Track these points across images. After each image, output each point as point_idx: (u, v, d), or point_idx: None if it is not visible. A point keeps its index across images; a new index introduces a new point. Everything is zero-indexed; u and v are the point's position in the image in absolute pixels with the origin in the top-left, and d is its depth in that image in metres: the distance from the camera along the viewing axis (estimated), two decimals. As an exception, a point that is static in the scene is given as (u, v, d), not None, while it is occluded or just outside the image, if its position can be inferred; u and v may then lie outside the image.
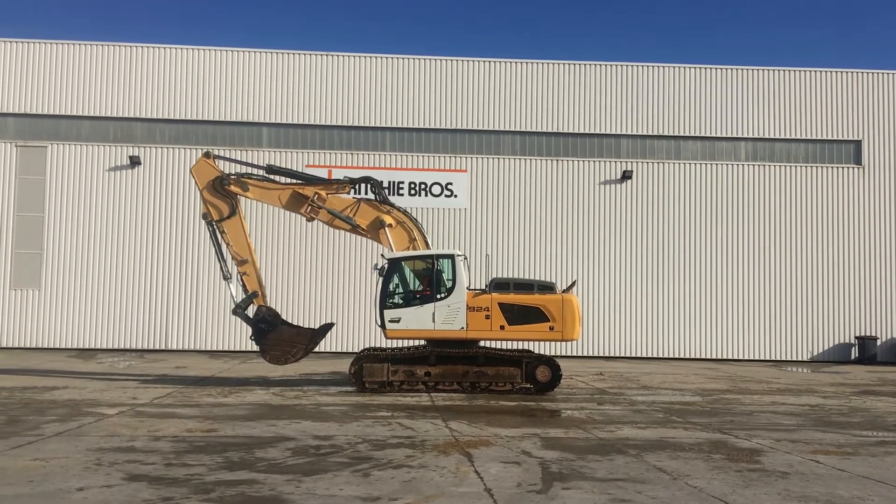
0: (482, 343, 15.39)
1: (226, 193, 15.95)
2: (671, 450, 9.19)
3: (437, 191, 25.41)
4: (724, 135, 26.23)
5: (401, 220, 15.87)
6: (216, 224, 15.99)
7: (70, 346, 24.35)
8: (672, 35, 68.90)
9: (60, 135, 25.16)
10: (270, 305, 16.33)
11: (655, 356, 25.25)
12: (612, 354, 25.25)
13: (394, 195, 24.29)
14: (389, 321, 14.89)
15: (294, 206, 16.07)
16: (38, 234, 24.66)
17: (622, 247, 25.66)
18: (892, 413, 13.15)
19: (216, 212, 15.99)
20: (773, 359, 25.47)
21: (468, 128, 25.83)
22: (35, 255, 24.63)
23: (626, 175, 25.68)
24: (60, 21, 68.97)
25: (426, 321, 14.78)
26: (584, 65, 26.25)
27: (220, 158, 17.03)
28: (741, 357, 25.43)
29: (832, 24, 68.17)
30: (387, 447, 9.01)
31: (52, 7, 69.76)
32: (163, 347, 24.47)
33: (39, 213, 24.71)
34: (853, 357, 25.58)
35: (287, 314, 18.69)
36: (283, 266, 24.75)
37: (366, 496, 6.77)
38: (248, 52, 25.75)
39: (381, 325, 15.06)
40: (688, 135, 26.18)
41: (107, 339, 24.48)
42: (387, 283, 15.12)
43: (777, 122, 26.30)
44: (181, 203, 24.80)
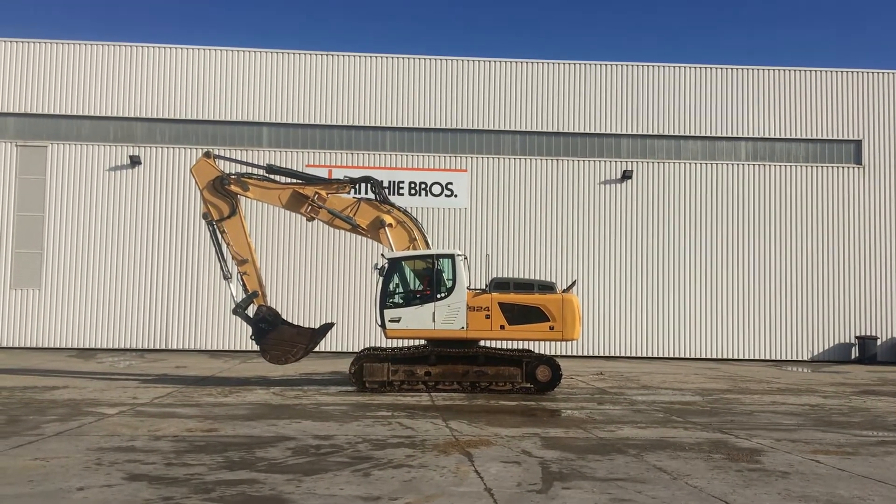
0: (482, 343, 15.39)
1: (226, 193, 15.96)
2: (671, 449, 9.19)
3: (438, 190, 25.42)
4: (725, 134, 26.23)
5: (401, 220, 15.87)
6: (216, 224, 16.00)
7: (70, 346, 24.36)
8: (672, 35, 68.91)
9: (61, 134, 25.17)
10: (271, 305, 16.34)
11: (656, 356, 25.25)
12: (613, 354, 25.25)
13: (394, 195, 24.29)
14: (389, 321, 14.90)
15: (294, 206, 16.07)
16: (39, 234, 24.66)
17: (622, 247, 25.66)
18: (893, 413, 13.15)
19: (216, 211, 15.99)
20: (774, 358, 25.47)
21: (468, 127, 25.83)
22: (35, 255, 24.63)
23: (627, 175, 25.68)
24: (60, 21, 69.01)
25: (426, 321, 14.78)
26: (584, 65, 26.24)
27: (221, 158, 17.03)
28: (741, 357, 25.42)
29: (832, 24, 68.21)
30: (387, 447, 9.01)
31: (52, 7, 69.79)
32: (163, 347, 24.47)
33: (40, 213, 24.72)
34: (853, 357, 25.58)
35: (287, 314, 18.68)
36: (284, 266, 24.76)
37: (366, 496, 6.77)
38: (248, 52, 25.75)
39: (382, 325, 15.07)
40: (688, 134, 26.18)
41: (107, 339, 24.49)
42: (387, 283, 15.12)
43: (777, 122, 26.30)
44: (181, 203, 24.81)
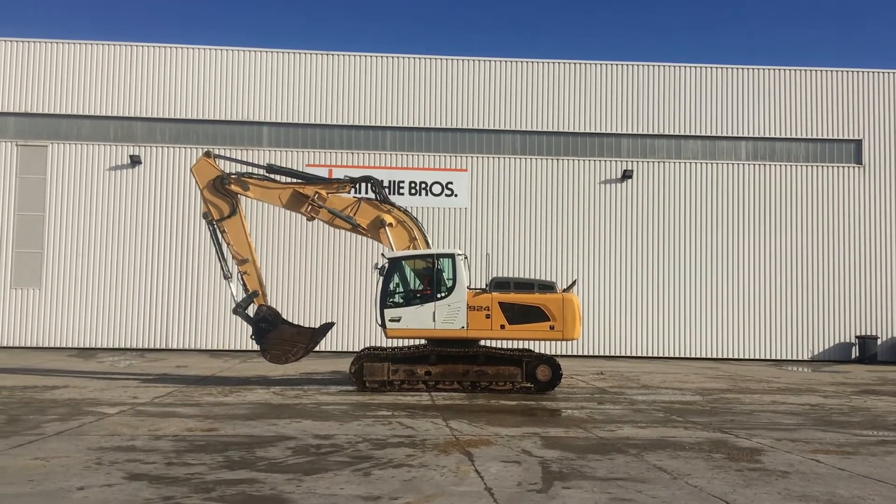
0: (482, 342, 15.39)
1: (226, 193, 15.95)
2: (671, 449, 9.19)
3: (438, 190, 25.42)
4: (725, 134, 26.23)
5: (401, 220, 15.86)
6: (217, 223, 15.99)
7: (70, 346, 24.36)
8: (672, 35, 68.89)
9: (61, 134, 25.18)
10: (271, 305, 16.34)
11: (656, 356, 25.25)
12: (613, 354, 25.25)
13: (394, 194, 24.30)
14: (390, 320, 14.89)
15: (294, 206, 16.07)
16: (39, 234, 24.67)
17: (622, 246, 25.66)
18: (893, 412, 13.14)
19: (217, 211, 15.99)
20: (774, 358, 25.47)
21: (468, 127, 25.83)
22: (35, 255, 24.64)
23: (627, 174, 25.68)
24: (60, 21, 69.03)
25: (426, 320, 14.78)
26: (585, 64, 26.24)
27: (221, 158, 17.01)
28: (741, 356, 25.42)
29: (832, 24, 68.20)
30: (387, 446, 9.01)
31: (52, 7, 69.80)
32: (163, 347, 24.48)
33: (40, 213, 24.73)
34: (853, 356, 25.57)
35: (287, 313, 18.66)
36: (284, 265, 24.76)
37: (366, 495, 6.76)
38: (248, 52, 25.75)
39: (382, 325, 15.06)
40: (688, 134, 26.18)
41: (107, 339, 24.49)
42: (387, 283, 15.12)
43: (778, 122, 26.30)
44: (182, 202, 24.81)
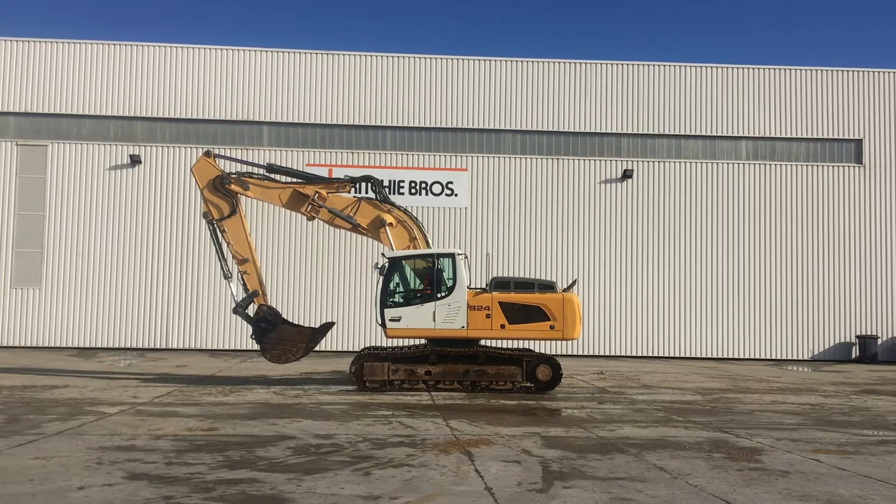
0: (483, 342, 15.38)
1: (226, 192, 15.94)
2: (672, 449, 9.19)
3: (438, 190, 25.41)
4: (725, 134, 26.21)
5: (401, 219, 15.86)
6: (217, 223, 15.99)
7: (70, 345, 24.36)
8: (672, 35, 68.87)
9: (61, 134, 25.18)
10: (271, 304, 16.34)
11: (656, 355, 25.25)
12: (613, 353, 25.25)
13: (394, 194, 24.30)
14: (390, 320, 14.89)
15: (295, 205, 16.06)
16: (39, 233, 24.66)
17: (623, 246, 25.65)
18: (893, 412, 13.14)
19: (217, 211, 15.99)
20: (774, 358, 25.47)
21: (468, 127, 25.82)
22: (36, 254, 24.64)
23: (627, 174, 25.67)
24: (60, 21, 69.03)
25: (427, 320, 14.77)
26: (585, 64, 26.23)
27: (221, 157, 17.00)
28: (742, 356, 25.42)
29: (832, 24, 68.18)
30: (387, 446, 9.01)
31: (52, 7, 69.79)
32: (163, 346, 24.48)
33: (40, 212, 24.72)
34: (854, 356, 25.57)
35: (287, 313, 18.67)
36: (284, 265, 24.76)
37: (366, 495, 6.77)
38: (248, 52, 25.74)
39: (382, 324, 15.06)
40: (688, 134, 26.17)
41: (107, 338, 24.48)
42: (387, 282, 15.11)
43: (778, 121, 26.29)
44: (182, 202, 24.81)
